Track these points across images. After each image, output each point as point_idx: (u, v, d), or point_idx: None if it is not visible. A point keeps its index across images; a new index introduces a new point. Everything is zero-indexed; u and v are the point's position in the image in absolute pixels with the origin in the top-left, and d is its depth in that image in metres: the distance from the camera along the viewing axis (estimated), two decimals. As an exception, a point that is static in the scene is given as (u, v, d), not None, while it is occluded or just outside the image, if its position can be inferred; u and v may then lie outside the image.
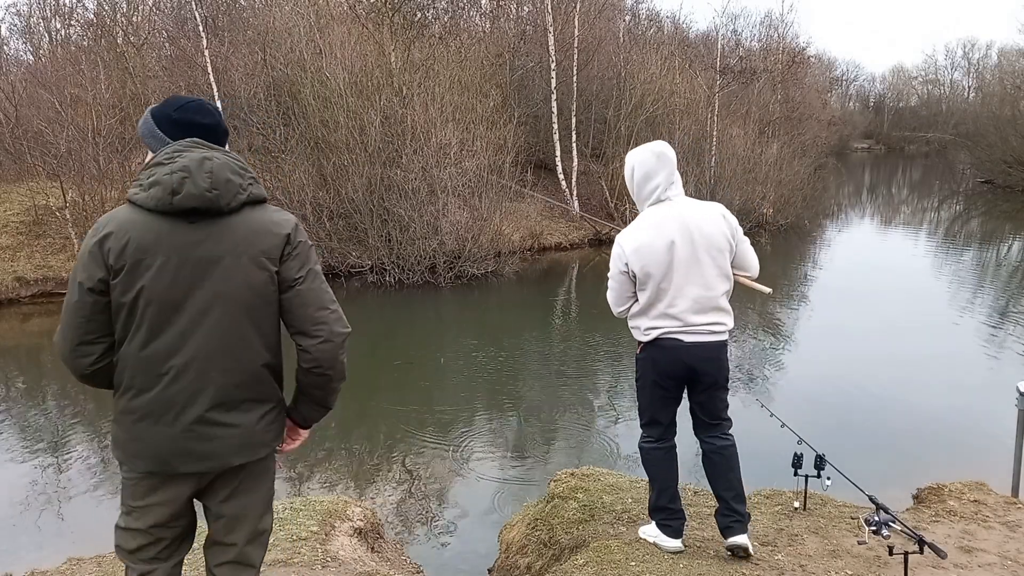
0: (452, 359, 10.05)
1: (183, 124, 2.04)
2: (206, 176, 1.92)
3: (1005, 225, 23.88)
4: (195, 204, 1.91)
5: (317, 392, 2.12)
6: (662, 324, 3.10)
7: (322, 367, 2.05)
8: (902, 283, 14.30)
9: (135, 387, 1.97)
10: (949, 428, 7.24)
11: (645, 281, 3.08)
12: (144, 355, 1.95)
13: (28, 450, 7.02)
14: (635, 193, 3.20)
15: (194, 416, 1.96)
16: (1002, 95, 37.00)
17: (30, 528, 5.55)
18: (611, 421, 7.63)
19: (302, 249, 2.04)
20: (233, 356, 1.98)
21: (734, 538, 3.20)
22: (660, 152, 3.09)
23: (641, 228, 3.10)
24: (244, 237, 1.96)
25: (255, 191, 2.03)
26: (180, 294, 1.93)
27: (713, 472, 3.24)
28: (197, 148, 1.98)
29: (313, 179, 14.87)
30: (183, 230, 1.93)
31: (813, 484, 3.73)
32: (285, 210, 2.14)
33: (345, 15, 17.76)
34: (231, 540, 2.13)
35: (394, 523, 5.53)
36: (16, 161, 15.70)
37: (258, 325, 2.00)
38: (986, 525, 3.72)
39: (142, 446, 1.98)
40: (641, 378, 3.28)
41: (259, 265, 1.97)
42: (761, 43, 33.04)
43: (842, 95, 66.80)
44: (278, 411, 2.13)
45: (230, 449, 2.01)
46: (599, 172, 20.19)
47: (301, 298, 2.02)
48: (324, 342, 2.02)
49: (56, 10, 22.87)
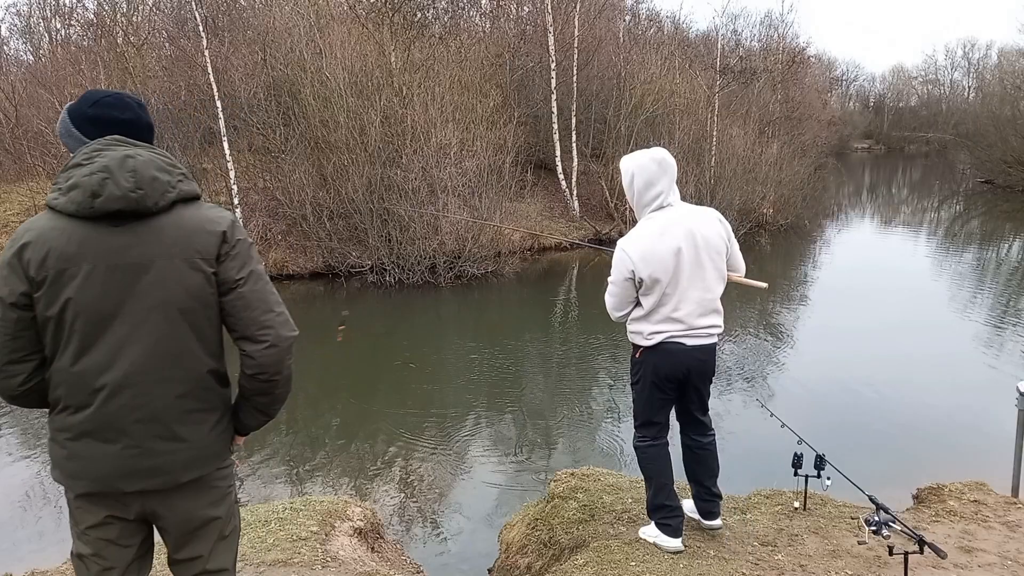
0: (452, 359, 10.05)
1: (100, 121, 1.89)
2: (129, 175, 1.78)
3: (1005, 225, 23.88)
4: (119, 206, 1.77)
5: (261, 399, 1.98)
6: (666, 328, 3.13)
7: (267, 373, 1.91)
8: (902, 283, 14.30)
9: (71, 405, 1.83)
10: (949, 428, 7.25)
11: (651, 287, 3.09)
12: (77, 371, 1.81)
13: (28, 450, 7.02)
14: (635, 200, 3.20)
15: (137, 432, 1.83)
16: (1002, 95, 36.98)
17: (30, 528, 5.55)
18: (611, 421, 7.63)
19: (241, 248, 1.90)
20: (174, 365, 1.85)
21: (714, 521, 3.53)
22: (661, 159, 3.11)
23: (646, 235, 3.11)
24: (176, 238, 1.82)
25: (186, 188, 1.88)
26: (111, 304, 1.79)
27: (699, 465, 3.44)
28: (118, 146, 1.84)
29: (313, 179, 14.88)
30: (108, 235, 1.79)
31: (813, 484, 3.73)
32: (222, 208, 1.98)
33: (345, 15, 17.76)
34: (193, 554, 2.01)
35: (394, 523, 5.53)
36: (16, 161, 15.71)
37: (198, 330, 1.87)
38: (986, 525, 3.71)
39: (82, 466, 1.85)
40: (640, 381, 3.29)
41: (194, 266, 1.83)
42: (761, 43, 33.04)
43: (842, 95, 66.81)
44: (228, 419, 2.01)
45: (179, 464, 1.88)
46: (599, 172, 20.19)
47: (244, 301, 1.88)
48: (270, 347, 1.89)
49: (56, 10, 22.88)
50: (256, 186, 16.05)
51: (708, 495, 3.49)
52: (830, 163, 31.81)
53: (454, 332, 11.97)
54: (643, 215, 3.18)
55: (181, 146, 15.51)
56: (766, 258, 17.69)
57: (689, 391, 3.30)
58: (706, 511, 3.52)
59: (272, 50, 16.47)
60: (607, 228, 19.11)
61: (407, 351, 10.33)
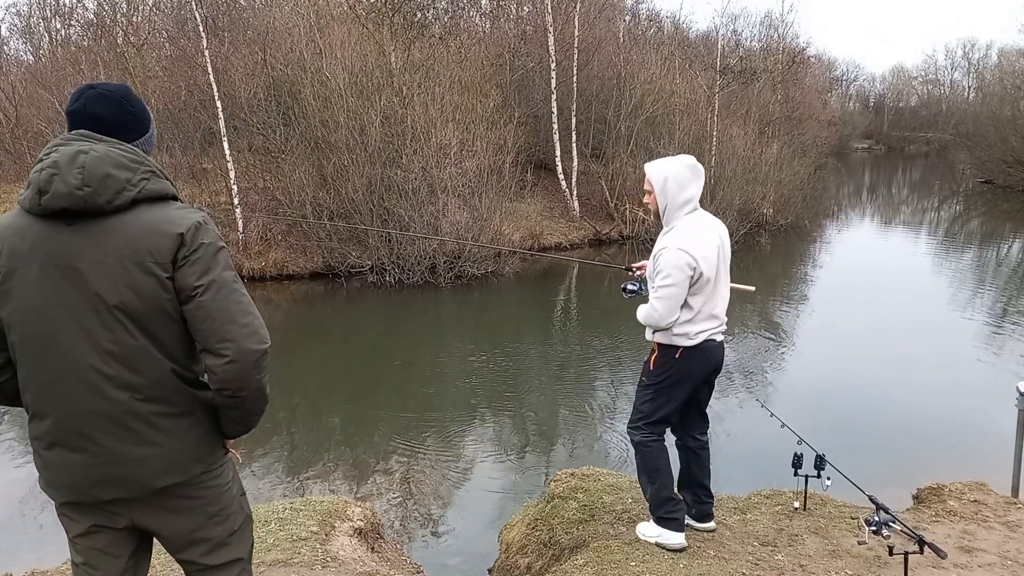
0: (452, 359, 10.04)
1: (75, 115, 1.81)
2: (77, 172, 1.68)
3: (1005, 225, 23.88)
4: (64, 204, 1.68)
5: (232, 412, 1.88)
6: (709, 326, 3.27)
7: (230, 389, 1.79)
8: (902, 283, 14.30)
9: (37, 412, 1.80)
10: (949, 428, 7.25)
11: (702, 286, 3.20)
12: (34, 374, 1.76)
13: (28, 450, 7.01)
14: (669, 202, 3.25)
15: (102, 439, 1.76)
16: (1002, 95, 36.99)
17: (30, 528, 5.55)
18: (611, 421, 7.63)
19: (204, 253, 1.76)
20: (131, 370, 1.76)
21: (710, 523, 3.60)
22: (693, 165, 3.26)
23: (695, 234, 3.22)
24: (128, 239, 1.72)
25: (152, 187, 1.77)
26: (61, 306, 1.71)
27: (698, 464, 3.52)
28: (77, 141, 1.74)
29: (313, 179, 14.88)
30: (59, 234, 1.71)
31: (813, 484, 3.73)
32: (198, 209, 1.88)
33: (345, 15, 17.76)
34: (190, 557, 1.95)
35: (394, 523, 5.53)
36: (16, 161, 15.73)
37: (154, 334, 1.77)
38: (986, 525, 3.72)
39: (56, 474, 1.80)
40: (669, 378, 3.30)
41: (145, 270, 1.72)
42: (761, 43, 33.04)
43: (842, 95, 66.83)
44: (211, 423, 1.91)
45: (153, 470, 1.80)
46: (599, 172, 20.19)
47: (204, 311, 1.75)
48: (231, 362, 1.76)
49: (56, 10, 22.90)
50: (256, 186, 16.05)
51: (707, 496, 3.57)
52: (830, 163, 31.82)
53: (454, 332, 11.97)
54: (677, 217, 3.26)
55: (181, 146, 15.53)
56: (766, 258, 17.69)
57: (705, 387, 3.44)
58: (703, 513, 3.59)
59: (272, 50, 16.48)
60: (607, 228, 19.11)
61: (407, 351, 10.33)
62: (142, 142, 1.91)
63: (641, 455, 3.42)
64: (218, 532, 1.96)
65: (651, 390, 3.36)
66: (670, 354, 3.29)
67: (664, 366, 3.31)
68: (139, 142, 1.89)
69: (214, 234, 1.81)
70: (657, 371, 3.33)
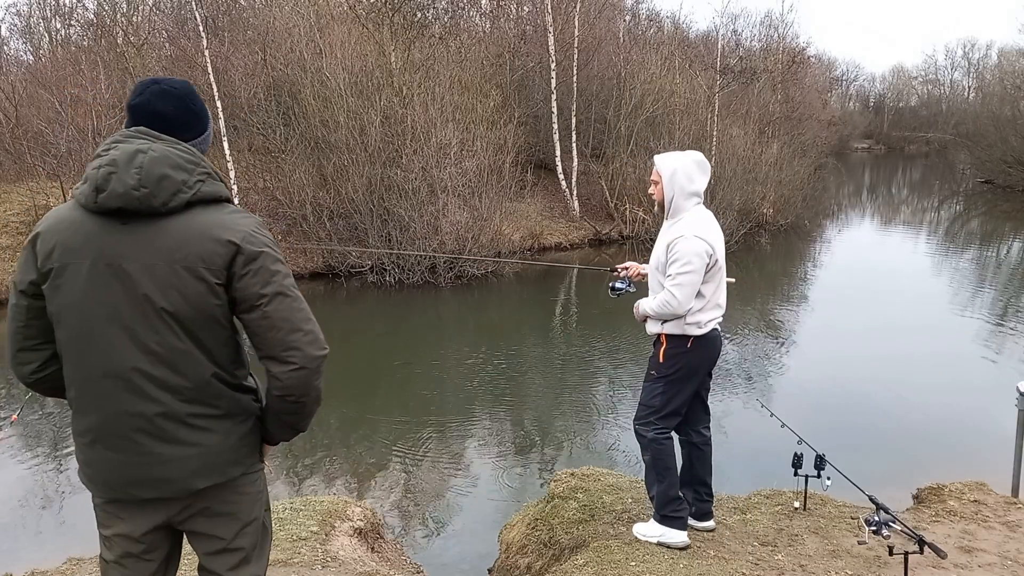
0: (452, 359, 10.05)
1: (136, 109, 1.79)
2: (134, 172, 1.67)
3: (1005, 225, 23.88)
4: (120, 204, 1.67)
5: (289, 417, 1.89)
6: (716, 315, 3.36)
7: (294, 395, 1.81)
8: (902, 283, 14.30)
9: (80, 409, 1.80)
10: (949, 428, 7.25)
11: (715, 273, 3.29)
12: (78, 371, 1.77)
13: (28, 450, 7.02)
14: (676, 193, 3.33)
15: (141, 438, 1.76)
16: (1002, 95, 36.99)
17: (30, 528, 5.55)
18: (611, 421, 7.63)
19: (264, 262, 1.75)
20: (173, 371, 1.75)
21: (710, 522, 3.60)
22: (701, 160, 3.37)
23: (706, 224, 3.33)
24: (181, 242, 1.71)
25: (207, 189, 1.76)
26: (108, 304, 1.71)
27: (701, 461, 3.53)
28: (136, 139, 1.73)
29: (313, 179, 14.88)
30: (113, 232, 1.71)
31: (813, 484, 3.74)
32: (250, 213, 1.87)
33: (345, 15, 17.75)
34: (217, 568, 1.93)
35: (394, 523, 5.53)
36: (16, 161, 15.70)
37: (198, 338, 1.76)
38: (986, 525, 3.72)
39: (97, 471, 1.81)
40: (681, 371, 3.32)
41: (195, 275, 1.71)
42: (761, 43, 33.02)
43: (842, 95, 66.83)
44: (251, 425, 1.91)
45: (190, 472, 1.79)
46: (599, 172, 20.19)
47: (269, 320, 1.76)
48: (297, 369, 1.78)
49: (56, 10, 22.89)
50: (256, 186, 16.05)
51: (708, 494, 3.58)
52: (830, 163, 31.83)
53: (454, 332, 11.97)
54: (685, 208, 3.33)
55: (181, 146, 15.48)
56: (766, 258, 17.69)
57: (705, 380, 3.50)
58: (703, 512, 3.59)
59: (272, 50, 16.48)
60: (607, 228, 19.10)
61: (407, 351, 10.33)
62: (199, 142, 1.89)
63: (652, 452, 3.39)
64: (247, 543, 1.95)
65: (662, 383, 3.35)
66: (681, 345, 3.29)
67: (675, 357, 3.31)
68: (196, 141, 1.88)
69: (269, 239, 1.81)
70: (668, 363, 3.32)
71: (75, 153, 13.70)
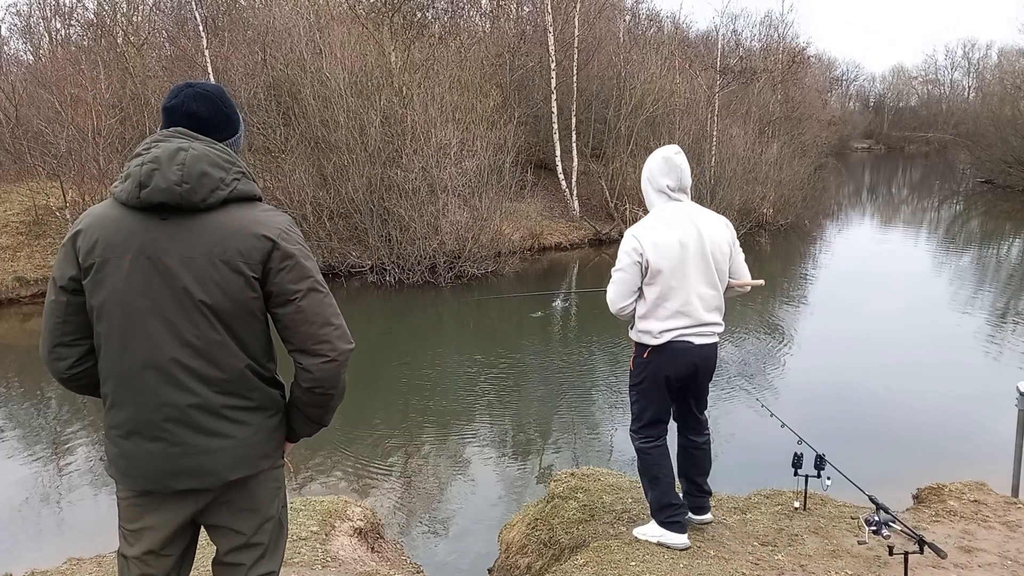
0: (452, 359, 10.05)
1: (173, 111, 1.87)
2: (176, 168, 1.75)
3: (1005, 225, 23.88)
4: (163, 199, 1.75)
5: (314, 411, 1.96)
6: (676, 325, 3.15)
7: (323, 387, 1.89)
8: (902, 283, 14.30)
9: (116, 401, 1.84)
10: (949, 428, 7.25)
11: (655, 276, 3.12)
12: (116, 364, 1.81)
13: (28, 450, 7.02)
14: (646, 190, 3.28)
15: (178, 429, 1.81)
16: (1002, 95, 37.00)
17: (30, 528, 5.55)
18: (611, 421, 7.63)
19: (299, 258, 1.85)
20: (210, 363, 1.81)
21: (705, 516, 3.58)
22: (669, 156, 3.19)
23: (653, 222, 3.18)
24: (220, 237, 1.78)
25: (242, 188, 1.84)
26: (148, 297, 1.77)
27: (694, 465, 3.48)
28: (176, 138, 1.81)
29: (313, 179, 14.88)
30: (153, 227, 1.78)
31: (813, 484, 3.73)
32: (282, 211, 1.95)
33: (345, 15, 17.76)
34: (238, 561, 1.97)
35: (394, 523, 5.53)
36: (16, 161, 15.71)
37: (234, 330, 1.83)
38: (986, 525, 3.71)
39: (131, 464, 1.84)
40: (645, 381, 3.27)
41: (235, 269, 1.79)
42: (761, 43, 33.08)
43: (842, 95, 66.87)
44: (279, 419, 1.97)
45: (225, 463, 1.85)
46: (599, 172, 20.20)
47: (303, 315, 1.84)
48: (328, 361, 1.86)
49: (56, 10, 22.89)
50: (256, 186, 16.03)
51: (699, 492, 3.54)
52: (830, 163, 31.85)
53: (454, 332, 11.97)
54: (654, 204, 3.25)
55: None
56: (766, 258, 17.69)
57: (691, 390, 3.34)
58: (696, 507, 3.56)
59: (272, 50, 16.48)
60: (607, 228, 19.11)
61: (407, 351, 10.34)
62: (231, 142, 1.96)
63: (641, 461, 3.41)
64: (266, 539, 2.00)
65: (634, 391, 3.37)
66: (640, 353, 3.27)
67: (639, 366, 3.30)
68: (229, 142, 1.95)
69: (301, 236, 1.91)
70: (635, 371, 3.33)
71: (75, 153, 13.70)
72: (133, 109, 15.67)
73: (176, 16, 20.74)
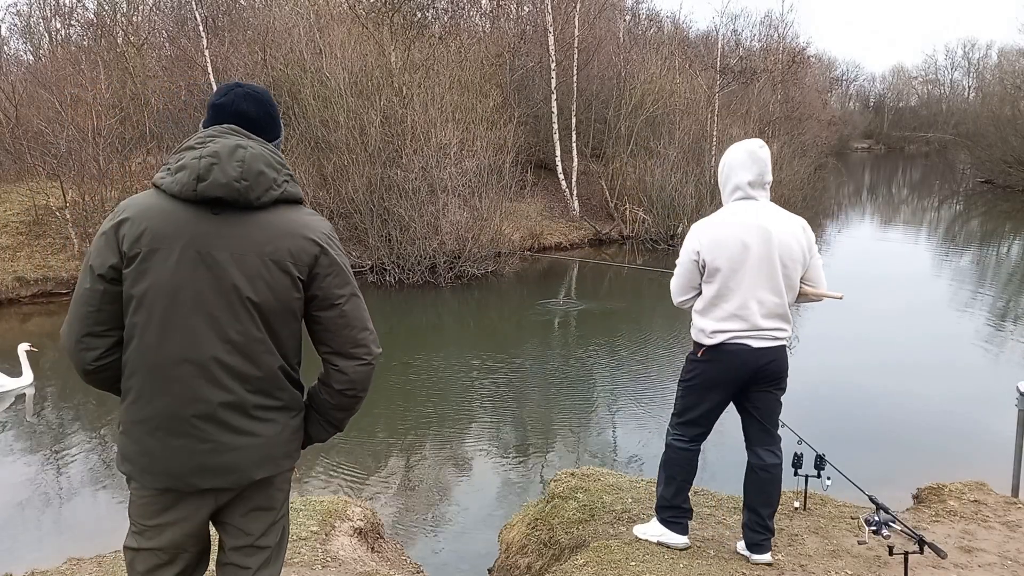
0: (452, 359, 10.04)
1: (221, 109, 1.88)
2: (236, 165, 1.76)
3: (1005, 225, 23.88)
4: (221, 193, 1.75)
5: (340, 414, 2.00)
6: (730, 327, 3.02)
7: (355, 389, 1.94)
8: (902, 282, 14.30)
9: (143, 394, 1.80)
10: (949, 428, 7.24)
11: (713, 274, 3.03)
12: (150, 356, 1.78)
13: (28, 450, 7.02)
14: (721, 185, 3.18)
15: (205, 427, 1.79)
16: (1002, 95, 37.02)
17: (30, 528, 5.54)
18: (611, 421, 7.63)
19: (342, 264, 1.89)
20: (248, 361, 1.81)
21: (763, 556, 3.24)
22: (752, 150, 3.05)
23: (718, 220, 3.08)
24: (271, 236, 1.80)
25: (290, 189, 1.86)
26: (193, 290, 1.76)
27: (758, 488, 3.19)
28: (232, 135, 1.82)
29: (313, 179, 14.87)
30: (205, 221, 1.77)
31: (813, 484, 3.73)
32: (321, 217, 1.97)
33: (345, 15, 17.76)
34: (247, 564, 1.96)
35: (394, 523, 5.53)
36: (16, 161, 15.71)
37: (274, 330, 1.84)
38: (986, 525, 3.72)
39: (155, 460, 1.80)
40: (695, 379, 3.18)
41: (283, 268, 1.80)
42: (761, 43, 33.09)
43: (842, 95, 66.89)
44: (300, 421, 1.98)
45: (252, 462, 1.84)
46: (599, 172, 20.20)
47: (346, 319, 1.88)
48: (364, 364, 1.92)
49: (56, 10, 22.89)
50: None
51: (761, 527, 3.22)
52: (830, 163, 31.86)
53: (454, 332, 11.97)
54: (726, 202, 3.14)
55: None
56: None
57: (753, 399, 3.16)
58: (753, 543, 3.24)
59: (272, 50, 16.48)
60: (607, 228, 19.11)
61: (407, 351, 10.33)
62: (275, 145, 1.97)
63: (665, 455, 3.34)
64: (271, 542, 2.00)
65: (681, 386, 3.28)
66: (695, 352, 3.18)
67: (692, 364, 3.21)
68: (274, 144, 1.96)
69: (338, 240, 1.95)
70: (686, 368, 3.25)
71: (75, 153, 13.69)
72: (133, 109, 15.66)
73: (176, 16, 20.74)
